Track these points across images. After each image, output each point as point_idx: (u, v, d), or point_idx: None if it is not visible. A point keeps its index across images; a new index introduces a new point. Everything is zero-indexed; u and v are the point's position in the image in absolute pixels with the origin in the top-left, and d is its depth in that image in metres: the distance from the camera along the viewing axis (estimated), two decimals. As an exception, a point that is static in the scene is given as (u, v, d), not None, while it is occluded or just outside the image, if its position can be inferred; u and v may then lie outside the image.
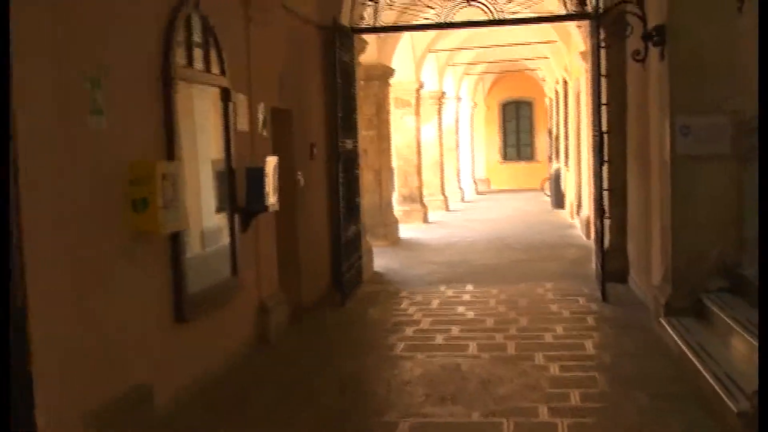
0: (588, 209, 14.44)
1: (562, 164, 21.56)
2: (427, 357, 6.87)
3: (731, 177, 7.02)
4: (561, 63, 19.77)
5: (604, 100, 9.11)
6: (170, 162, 5.45)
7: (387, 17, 10.38)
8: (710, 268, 7.11)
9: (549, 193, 23.59)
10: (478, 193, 29.37)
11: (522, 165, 32.85)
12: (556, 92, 23.24)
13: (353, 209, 10.31)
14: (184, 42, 6.00)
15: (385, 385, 6.14)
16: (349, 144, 9.99)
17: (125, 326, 5.05)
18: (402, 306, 9.16)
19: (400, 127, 18.45)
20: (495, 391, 5.84)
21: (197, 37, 6.27)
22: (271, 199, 7.12)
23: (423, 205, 19.11)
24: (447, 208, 22.26)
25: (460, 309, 8.85)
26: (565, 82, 19.79)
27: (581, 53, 14.18)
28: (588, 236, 14.25)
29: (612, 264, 9.32)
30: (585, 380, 6.05)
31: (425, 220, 18.94)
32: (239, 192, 6.94)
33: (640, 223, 9.03)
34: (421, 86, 18.97)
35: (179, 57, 5.82)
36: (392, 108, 16.99)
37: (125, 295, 5.06)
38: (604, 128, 9.01)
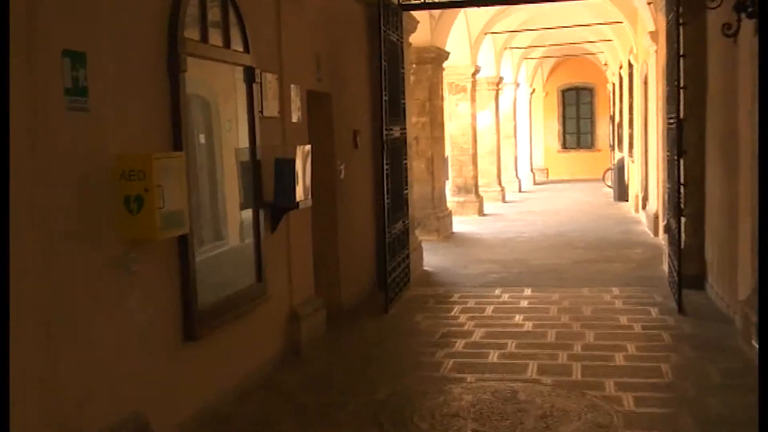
0: (656, 204, 13.35)
1: (626, 154, 20.36)
2: (478, 380, 5.94)
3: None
4: (626, 45, 18.57)
5: (682, 83, 8.05)
6: (172, 153, 4.59)
7: (440, -8, 9.42)
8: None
9: (611, 185, 22.41)
10: (536, 183, 28.21)
11: (582, 154, 31.56)
12: (620, 77, 22.01)
13: (401, 203, 9.41)
14: (198, 12, 5.14)
15: (429, 417, 5.22)
16: (396, 131, 9.08)
17: (121, 349, 4.22)
18: (452, 313, 8.24)
19: (455, 113, 17.47)
20: (558, 429, 4.90)
21: (215, 8, 5.41)
22: (302, 193, 6.25)
23: (478, 196, 18.12)
24: (503, 200, 21.22)
25: (518, 318, 7.90)
26: (630, 66, 18.59)
27: (650, 33, 13.06)
28: (656, 233, 13.16)
29: (686, 268, 8.24)
30: (665, 419, 5.08)
31: (480, 212, 17.95)
32: (267, 186, 6.09)
33: (722, 224, 7.97)
34: (477, 71, 17.94)
35: (190, 29, 4.97)
36: (446, 93, 16.04)
37: (119, 313, 4.23)
38: (682, 115, 7.96)
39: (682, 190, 8.09)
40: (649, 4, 12.36)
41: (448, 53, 14.53)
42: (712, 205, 8.52)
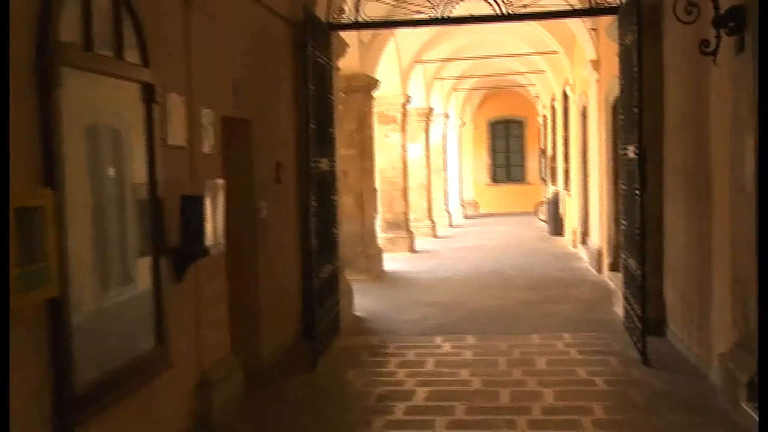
0: (599, 239, 12.64)
1: (561, 187, 19.78)
2: (426, 460, 4.99)
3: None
4: (561, 77, 18.05)
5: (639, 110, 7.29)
6: (38, 191, 3.54)
7: (372, 11, 8.53)
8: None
9: (545, 219, 21.81)
10: (466, 217, 27.54)
11: (512, 187, 31.08)
12: (553, 109, 21.52)
13: (329, 243, 8.43)
14: (80, 11, 4.12)
15: None
16: (324, 164, 8.12)
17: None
18: (389, 368, 7.26)
19: (385, 145, 16.62)
20: None
21: (104, 9, 4.39)
22: (213, 237, 5.24)
23: (409, 232, 17.25)
24: (435, 235, 20.42)
25: (463, 373, 6.95)
26: (565, 98, 18.05)
27: (592, 62, 12.43)
28: (599, 270, 12.44)
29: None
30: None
31: (412, 248, 17.07)
32: (171, 228, 5.05)
33: (687, 265, 7.20)
34: (407, 100, 17.15)
35: (69, 31, 3.94)
36: (376, 124, 15.19)
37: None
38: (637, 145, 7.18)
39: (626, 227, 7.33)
40: (592, 30, 11.72)
41: (379, 82, 13.68)
42: (673, 243, 7.76)
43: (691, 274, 7.03)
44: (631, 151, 7.54)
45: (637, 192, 7.16)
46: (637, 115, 7.08)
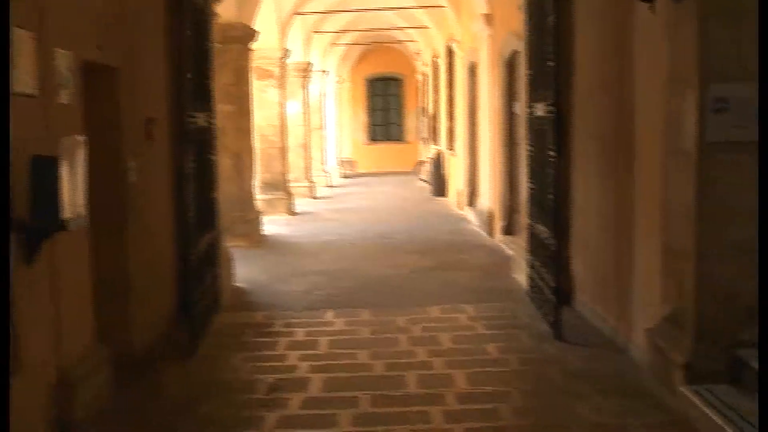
0: (489, 201, 12.16)
1: (444, 147, 19.30)
2: (333, 469, 4.26)
3: (778, 176, 4.74)
4: (445, 32, 17.44)
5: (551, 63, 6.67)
6: None
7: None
8: (745, 311, 4.83)
9: (426, 179, 21.34)
10: (344, 176, 26.83)
11: (390, 146, 30.58)
12: (436, 66, 20.97)
13: (208, 210, 7.54)
14: None
15: None
16: (202, 119, 7.20)
17: None
18: (278, 350, 6.46)
19: (263, 102, 15.59)
20: None
21: None
22: (71, 207, 4.30)
23: (288, 194, 16.39)
24: (314, 196, 19.63)
25: (362, 355, 6.24)
26: (450, 54, 17.48)
27: (484, 16, 11.82)
28: (491, 234, 11.98)
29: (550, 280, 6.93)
30: None
31: (291, 211, 16.24)
32: (19, 197, 4.09)
33: (602, 235, 6.70)
34: (286, 55, 16.17)
35: None
36: (254, 79, 14.18)
37: None
38: (550, 103, 6.56)
39: (535, 193, 6.75)
40: (485, -20, 11.09)
41: (258, 32, 12.67)
42: (582, 211, 7.25)
43: (607, 245, 6.52)
44: (540, 110, 6.95)
45: (551, 154, 6.57)
46: (550, 70, 6.47)
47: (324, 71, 23.86)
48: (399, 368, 5.89)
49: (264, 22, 14.02)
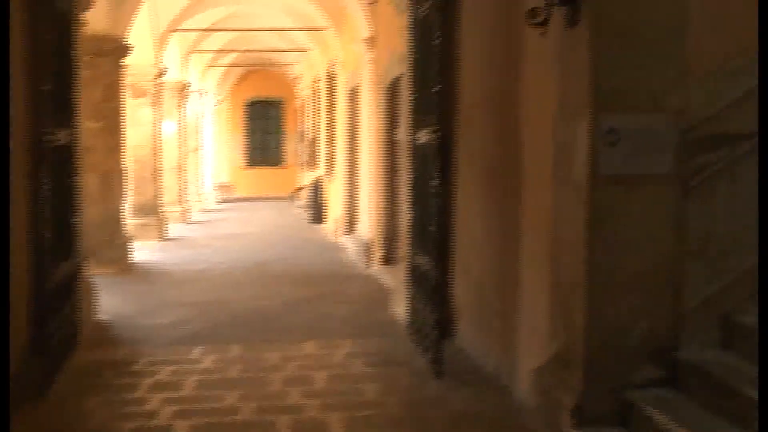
0: (369, 230, 11.87)
1: (322, 172, 18.95)
2: None
3: (670, 211, 4.58)
4: (327, 55, 17.16)
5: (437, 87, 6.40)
6: None
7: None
8: (636, 351, 4.64)
9: (304, 205, 20.93)
10: (221, 201, 26.12)
11: (269, 171, 30.03)
12: (316, 90, 20.65)
13: (68, 236, 6.92)
14: None
15: None
16: (62, 136, 6.61)
17: None
18: (139, 392, 5.88)
19: (136, 120, 14.89)
20: None
21: None
22: None
23: (161, 218, 15.67)
24: (188, 220, 18.92)
25: (230, 397, 5.74)
26: (331, 78, 17.20)
27: (366, 39, 11.58)
28: (370, 264, 11.66)
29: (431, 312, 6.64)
30: None
31: (164, 236, 15.53)
32: None
33: (486, 266, 6.45)
34: (162, 72, 15.52)
35: None
36: (127, 97, 13.48)
37: None
38: (436, 131, 6.30)
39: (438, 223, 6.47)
40: (369, 4, 10.83)
41: (131, 47, 12.03)
42: (465, 240, 7.00)
43: (492, 276, 6.28)
44: (424, 136, 6.69)
45: (434, 182, 6.29)
46: (435, 94, 6.21)
47: (202, 92, 23.20)
48: (270, 412, 5.44)
49: (139, 37, 13.36)
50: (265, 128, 30.44)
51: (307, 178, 22.28)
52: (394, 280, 9.37)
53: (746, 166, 4.71)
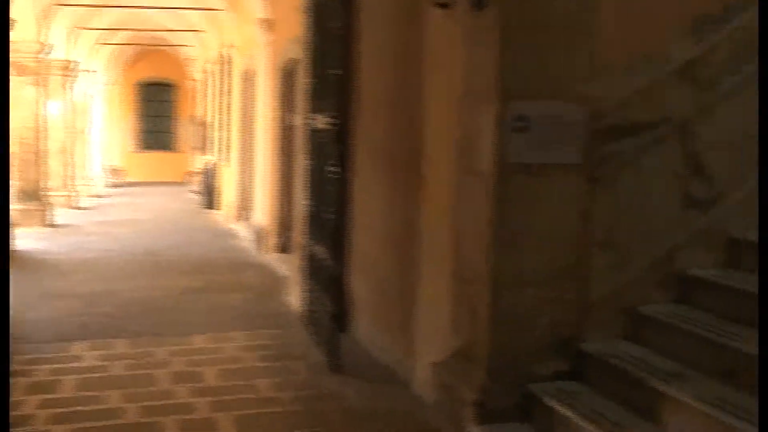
0: (264, 216, 11.54)
1: (217, 158, 18.44)
2: None
3: (576, 202, 4.46)
4: (222, 37, 16.66)
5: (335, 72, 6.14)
6: None
7: None
8: (540, 344, 4.52)
9: (197, 190, 20.37)
10: (111, 186, 25.24)
11: (161, 155, 29.23)
12: (210, 73, 20.09)
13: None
14: None
15: None
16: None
17: None
18: (14, 395, 5.35)
19: (19, 101, 14.09)
20: None
21: None
22: None
23: (46, 203, 14.94)
24: (76, 206, 18.14)
25: (114, 398, 5.34)
26: (226, 61, 16.72)
27: (262, 21, 11.23)
28: (264, 252, 11.34)
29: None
30: None
31: (49, 222, 14.81)
32: None
33: (387, 258, 6.25)
34: (45, 49, 14.74)
35: None
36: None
37: None
38: (334, 117, 6.03)
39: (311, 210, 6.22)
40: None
41: (14, 21, 11.29)
42: (364, 231, 6.78)
43: (392, 267, 6.08)
44: (321, 121, 6.42)
45: (332, 169, 6.04)
46: (334, 79, 5.95)
47: (91, 71, 22.29)
48: (156, 413, 5.10)
49: (20, 12, 12.61)
50: (157, 111, 29.59)
51: (200, 163, 21.70)
52: (289, 269, 9.10)
53: (651, 156, 4.65)
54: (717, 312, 4.58)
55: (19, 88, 14.10)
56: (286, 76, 10.44)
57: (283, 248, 10.68)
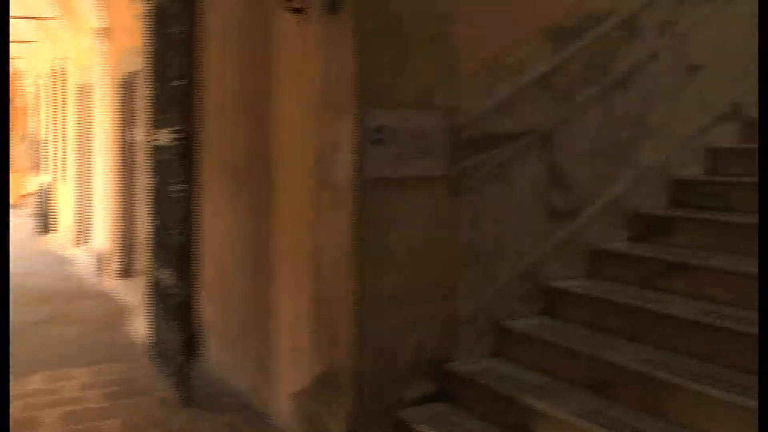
0: (105, 240, 10.87)
1: (53, 177, 17.39)
2: None
3: (441, 216, 4.27)
4: (57, 48, 15.72)
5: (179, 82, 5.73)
6: None
7: None
8: (408, 366, 4.28)
9: (32, 213, 19.16)
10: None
11: (-9, 176, 27.38)
12: (42, 87, 18.99)
13: None
14: None
15: None
16: None
17: None
18: None
19: None
20: None
21: None
22: None
23: None
24: None
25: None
26: (60, 74, 15.80)
27: (98, 30, 10.60)
28: (105, 278, 10.66)
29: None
30: None
31: None
32: None
33: (237, 279, 5.88)
34: None
35: None
36: None
37: None
38: (179, 131, 5.62)
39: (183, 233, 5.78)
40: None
41: None
42: (218, 253, 6.37)
43: (246, 290, 5.71)
44: (164, 137, 5.99)
45: (178, 188, 5.62)
46: (177, 90, 5.54)
47: None
48: (-15, 464, 4.53)
49: None
50: (-15, 129, 27.83)
51: (34, 183, 20.43)
52: (133, 296, 8.54)
53: (515, 167, 4.53)
54: (582, 323, 4.52)
55: None
56: (126, 89, 9.86)
57: (126, 273, 10.06)
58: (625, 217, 5.11)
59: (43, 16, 13.93)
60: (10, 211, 22.62)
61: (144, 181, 7.12)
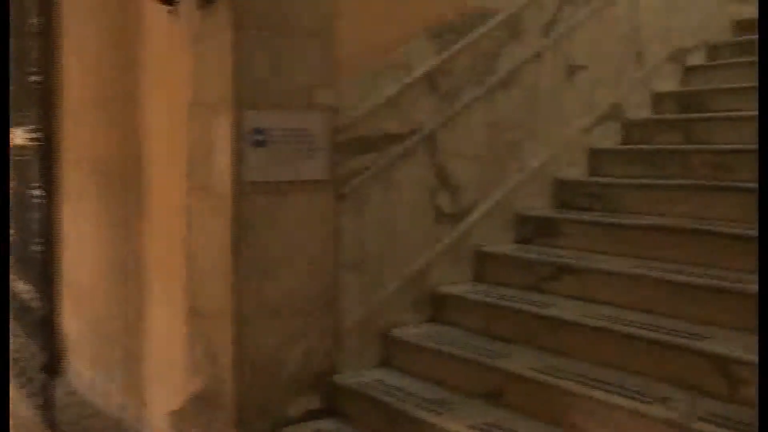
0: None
1: None
2: None
3: (325, 221, 4.04)
4: None
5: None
6: None
7: None
8: (292, 381, 4.03)
9: None
10: None
11: None
12: None
13: None
14: None
15: None
16: None
17: None
18: None
19: None
20: None
21: None
22: None
23: None
24: None
25: None
26: None
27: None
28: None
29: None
30: None
31: None
32: None
33: (103, 291, 5.48)
34: None
35: None
36: None
37: None
38: (36, 130, 5.19)
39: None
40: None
41: None
42: (82, 262, 5.92)
43: (113, 303, 5.32)
44: (20, 136, 5.54)
45: (36, 193, 5.19)
46: (34, 86, 5.11)
47: None
48: None
49: None
50: None
51: None
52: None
53: (401, 168, 4.36)
54: (473, 329, 4.38)
55: None
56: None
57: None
58: (511, 220, 5.01)
59: None
60: None
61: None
